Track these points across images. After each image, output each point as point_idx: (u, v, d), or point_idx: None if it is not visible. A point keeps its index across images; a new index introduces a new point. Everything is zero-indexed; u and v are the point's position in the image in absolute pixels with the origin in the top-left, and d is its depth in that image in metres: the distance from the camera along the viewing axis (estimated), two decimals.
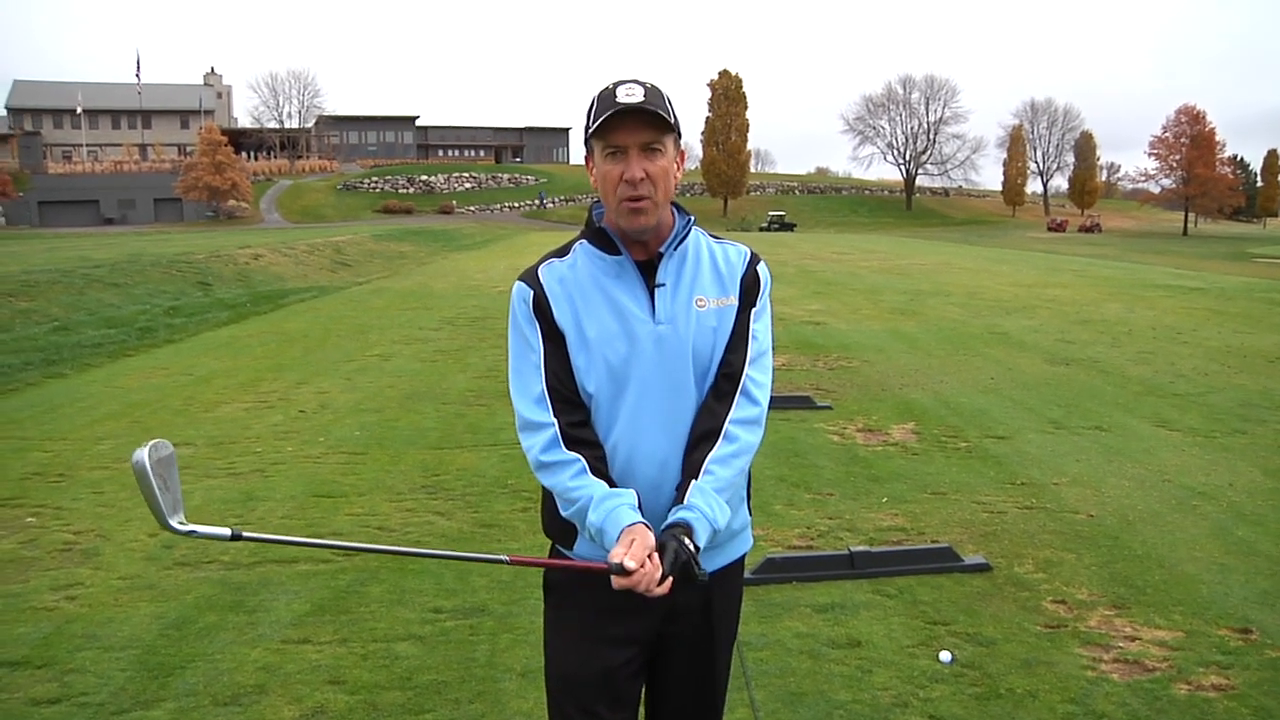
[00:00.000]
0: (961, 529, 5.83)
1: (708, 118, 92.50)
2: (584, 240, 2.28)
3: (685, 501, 2.13)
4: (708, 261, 2.29)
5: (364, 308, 18.62)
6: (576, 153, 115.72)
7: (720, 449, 2.19)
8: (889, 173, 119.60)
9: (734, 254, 2.33)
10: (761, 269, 2.35)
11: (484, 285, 23.23)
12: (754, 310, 2.30)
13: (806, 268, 29.87)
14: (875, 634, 4.37)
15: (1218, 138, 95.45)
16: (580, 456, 2.15)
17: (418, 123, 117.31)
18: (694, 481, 2.15)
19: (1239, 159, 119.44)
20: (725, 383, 2.25)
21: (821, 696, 3.80)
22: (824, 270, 28.96)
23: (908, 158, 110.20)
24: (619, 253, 2.23)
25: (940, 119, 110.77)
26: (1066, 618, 4.59)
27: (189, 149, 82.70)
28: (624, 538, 2.02)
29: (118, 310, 17.12)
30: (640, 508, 2.12)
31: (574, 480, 2.13)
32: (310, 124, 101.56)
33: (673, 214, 2.28)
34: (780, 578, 4.84)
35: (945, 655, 4.11)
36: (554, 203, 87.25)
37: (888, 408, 9.31)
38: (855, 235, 67.76)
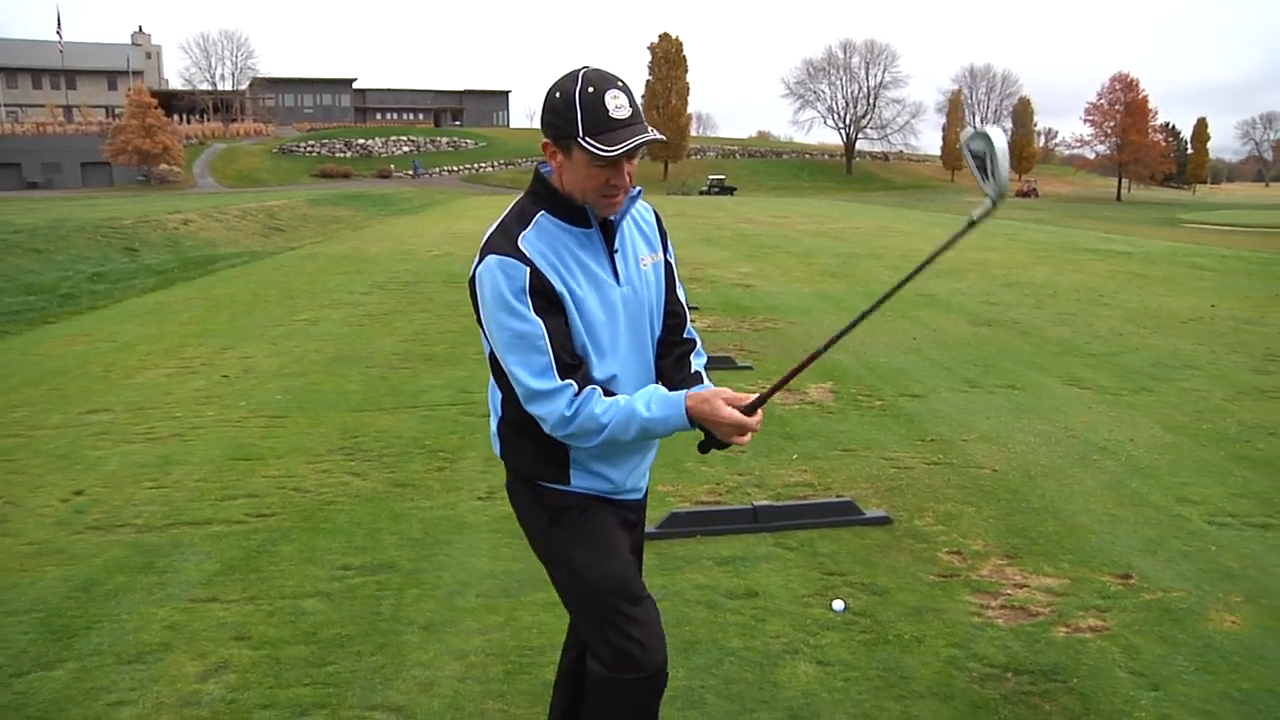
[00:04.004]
0: (867, 484, 5.98)
1: (648, 81, 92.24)
2: (544, 211, 2.35)
3: (705, 383, 2.51)
4: (634, 223, 2.49)
5: (295, 273, 18.40)
6: (516, 116, 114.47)
7: (698, 360, 2.61)
8: (830, 137, 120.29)
9: (644, 209, 2.55)
10: (661, 218, 2.63)
11: (418, 249, 23.06)
12: (671, 260, 2.62)
13: (742, 231, 30.00)
14: (773, 585, 4.50)
15: (1150, 106, 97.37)
16: (592, 387, 2.30)
17: (355, 85, 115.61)
18: (699, 371, 2.56)
19: (1171, 127, 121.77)
20: (678, 329, 2.61)
21: (714, 644, 3.93)
22: (759, 234, 29.11)
23: (848, 122, 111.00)
24: (590, 225, 2.35)
25: (880, 83, 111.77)
26: (960, 567, 4.76)
27: (117, 111, 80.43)
28: (704, 405, 2.31)
29: (38, 277, 16.75)
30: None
31: (599, 406, 2.28)
32: (244, 86, 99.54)
33: None
34: (684, 532, 4.96)
35: (838, 604, 4.25)
36: (428, 174, 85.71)
37: (808, 368, 9.43)
38: (795, 199, 68.09)
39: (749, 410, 2.34)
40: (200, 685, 3.65)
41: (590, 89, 2.21)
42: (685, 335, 2.63)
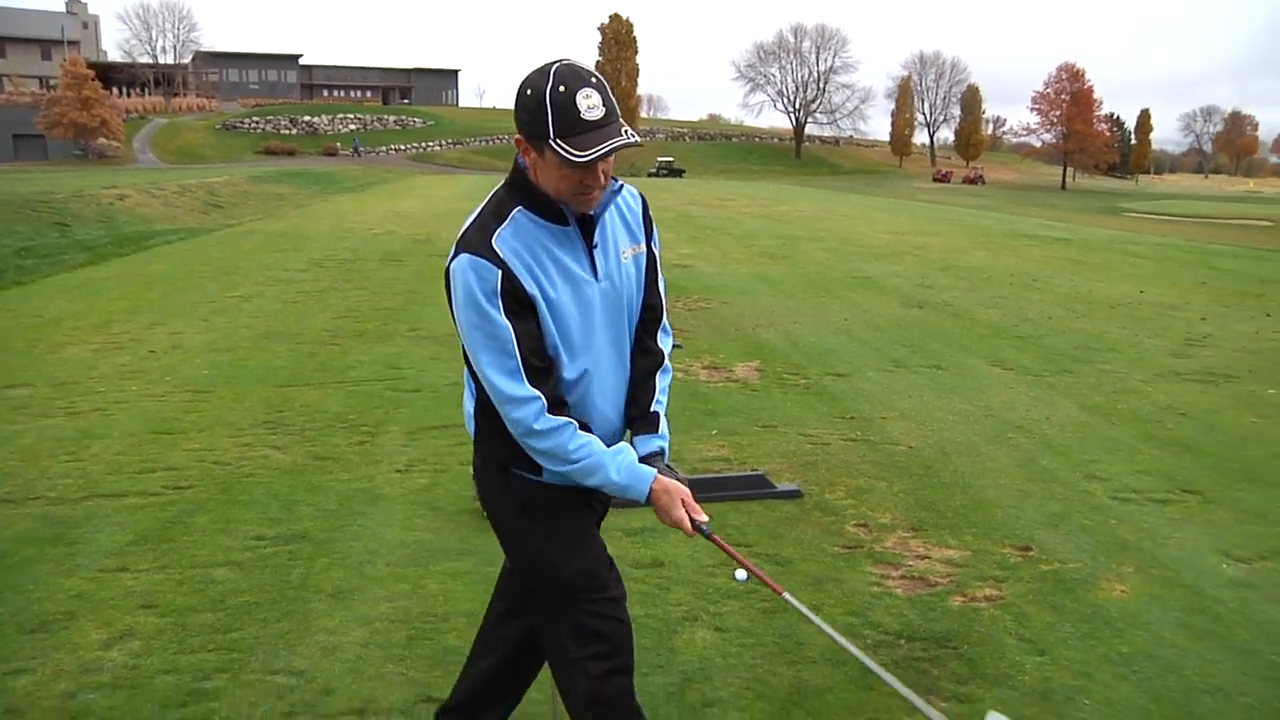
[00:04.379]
0: (783, 459, 6.09)
1: (598, 62, 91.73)
2: (521, 207, 2.31)
3: (658, 430, 2.55)
4: (618, 216, 2.46)
5: (232, 250, 18.17)
6: (466, 95, 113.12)
7: (663, 379, 2.60)
8: (779, 120, 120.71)
9: (631, 199, 2.51)
10: (648, 207, 2.58)
11: (358, 228, 22.85)
12: (655, 250, 2.57)
13: (687, 213, 30.05)
14: (679, 555, 4.58)
15: (1096, 96, 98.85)
16: (569, 420, 2.34)
17: (301, 61, 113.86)
18: (657, 411, 2.56)
19: (1115, 117, 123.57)
20: (653, 323, 2.60)
21: None
22: (703, 216, 29.17)
23: (797, 106, 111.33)
24: (567, 223, 2.32)
25: (830, 68, 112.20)
26: (865, 539, 4.88)
27: (52, 82, 78.23)
28: (667, 494, 2.44)
29: None
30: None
31: (573, 443, 2.33)
32: (186, 60, 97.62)
33: None
34: None
35: (740, 574, 4.34)
36: (373, 153, 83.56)
37: (737, 347, 9.56)
38: (743, 182, 68.21)
39: (694, 523, 2.47)
40: (103, 652, 3.66)
41: (562, 88, 2.14)
42: (658, 338, 2.62)
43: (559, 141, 2.16)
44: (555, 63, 2.20)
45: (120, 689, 3.41)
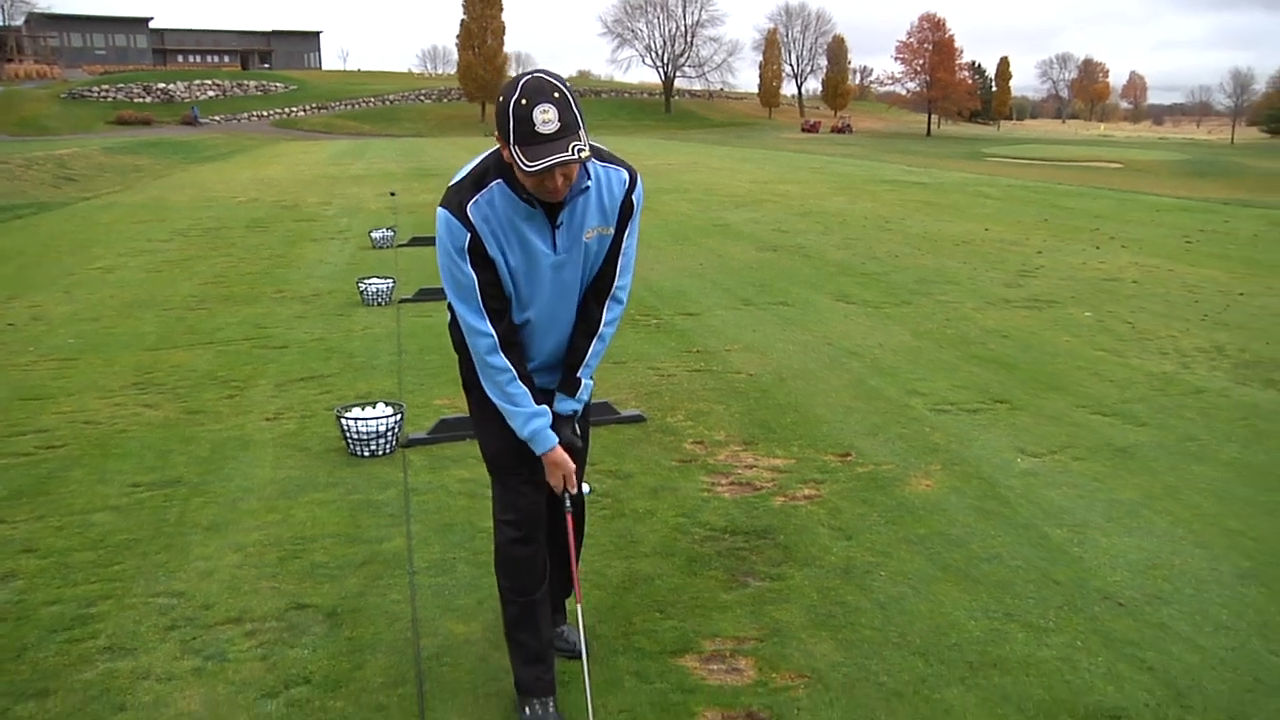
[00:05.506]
0: (629, 389, 6.58)
1: (463, 20, 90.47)
2: (501, 180, 2.63)
3: (575, 395, 2.93)
4: (594, 198, 2.78)
5: (90, 223, 17.76)
6: (329, 58, 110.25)
7: (596, 345, 2.94)
8: (649, 75, 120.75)
9: (616, 183, 2.83)
10: (636, 195, 2.85)
11: (223, 196, 22.51)
12: (626, 232, 2.86)
13: None
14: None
15: (957, 45, 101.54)
16: (511, 367, 2.76)
17: (152, 25, 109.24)
18: (580, 375, 2.93)
19: (976, 65, 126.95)
20: (601, 291, 2.90)
21: (469, 525, 4.43)
22: None
23: (666, 60, 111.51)
24: (534, 206, 2.68)
25: (697, 21, 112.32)
26: (700, 454, 5.39)
27: None
28: (554, 464, 2.87)
29: None
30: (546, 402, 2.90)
31: (510, 387, 2.77)
32: (19, 22, 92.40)
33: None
34: (453, 436, 5.43)
35: (584, 487, 4.79)
36: (208, 121, 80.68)
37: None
38: (613, 138, 68.14)
39: (564, 492, 2.95)
40: None
41: (524, 101, 2.42)
42: (605, 305, 2.90)
43: (515, 148, 2.47)
44: (527, 75, 2.49)
45: (5, 621, 3.68)
